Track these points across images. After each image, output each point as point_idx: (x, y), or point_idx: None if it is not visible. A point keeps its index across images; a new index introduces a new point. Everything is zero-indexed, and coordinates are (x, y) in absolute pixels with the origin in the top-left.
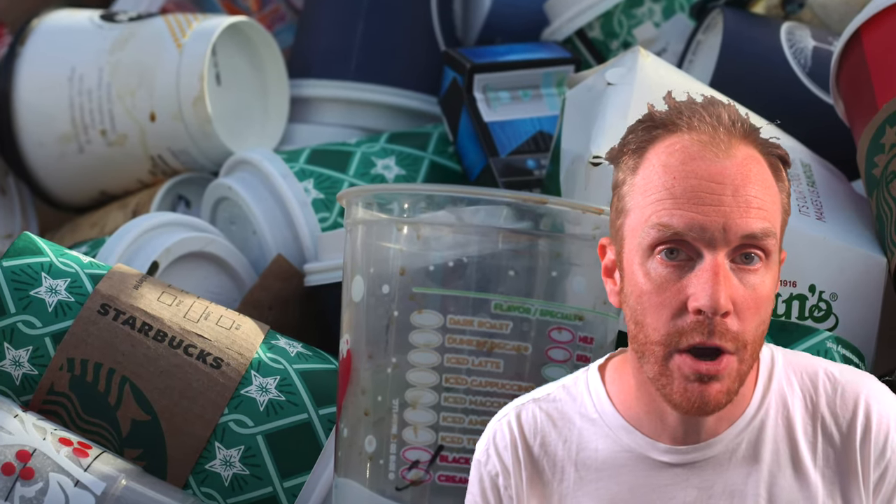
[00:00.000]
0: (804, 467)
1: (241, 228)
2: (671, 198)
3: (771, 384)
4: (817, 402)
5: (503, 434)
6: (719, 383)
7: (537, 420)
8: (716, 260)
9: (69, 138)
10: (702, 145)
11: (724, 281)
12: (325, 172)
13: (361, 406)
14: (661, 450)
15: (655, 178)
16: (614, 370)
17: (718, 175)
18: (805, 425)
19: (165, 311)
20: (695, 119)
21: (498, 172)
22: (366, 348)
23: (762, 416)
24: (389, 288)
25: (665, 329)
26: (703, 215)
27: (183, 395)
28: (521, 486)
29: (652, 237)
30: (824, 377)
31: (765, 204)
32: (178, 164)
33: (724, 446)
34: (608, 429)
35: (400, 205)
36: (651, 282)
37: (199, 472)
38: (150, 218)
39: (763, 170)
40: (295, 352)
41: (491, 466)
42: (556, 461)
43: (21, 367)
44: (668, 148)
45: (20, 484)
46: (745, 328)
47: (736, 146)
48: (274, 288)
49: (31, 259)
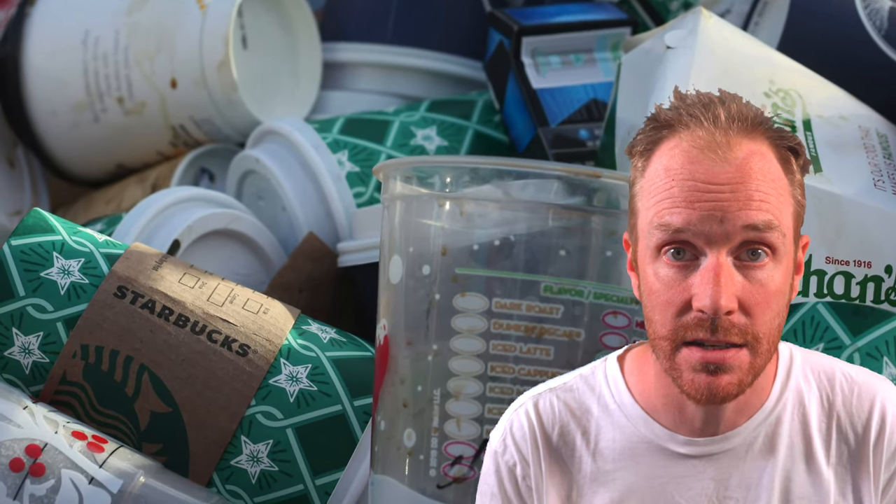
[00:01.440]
0: (818, 463)
1: (270, 204)
2: (670, 198)
3: (789, 381)
4: (833, 400)
5: (521, 423)
6: (729, 375)
7: (555, 409)
8: (717, 259)
9: (83, 106)
10: (699, 150)
11: (727, 280)
12: (361, 143)
13: (400, 397)
14: (680, 441)
15: (658, 180)
16: (633, 361)
17: (715, 177)
18: (820, 422)
19: (187, 293)
20: (692, 121)
21: (548, 143)
22: (404, 334)
23: (779, 410)
24: (430, 269)
25: (671, 325)
26: (701, 211)
27: (206, 384)
28: (539, 477)
29: (657, 238)
30: (841, 377)
31: (768, 198)
32: (201, 135)
33: (741, 439)
34: (626, 419)
35: (442, 178)
36: (659, 281)
37: (224, 468)
38: (171, 193)
39: (767, 164)
40: (328, 338)
41: (508, 457)
42: (575, 451)
43: (31, 355)
44: (670, 151)
45: (30, 481)
46: (756, 322)
47: (736, 145)
48: (305, 269)
49: (41, 237)
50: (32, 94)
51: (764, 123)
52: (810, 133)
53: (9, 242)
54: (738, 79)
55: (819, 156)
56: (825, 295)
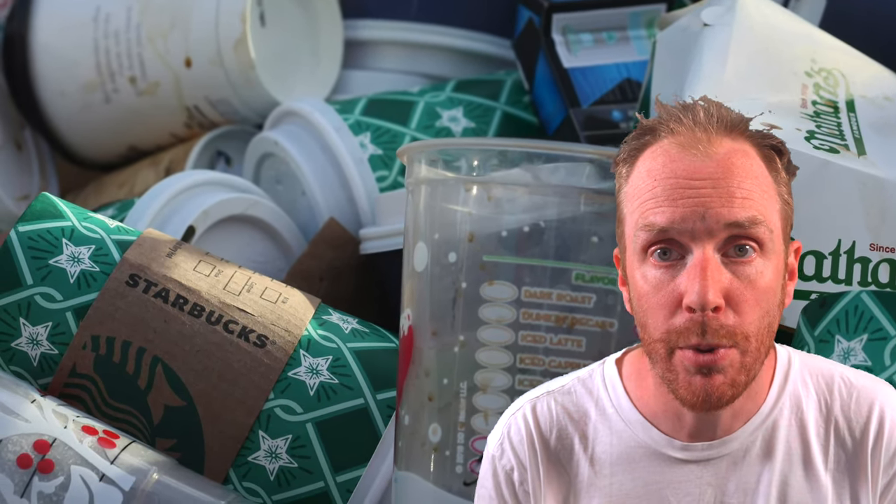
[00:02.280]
0: (815, 468)
1: (289, 188)
2: (653, 198)
3: (786, 385)
4: (832, 405)
5: (518, 427)
6: (722, 375)
7: (553, 413)
8: (703, 254)
9: (94, 86)
10: (680, 147)
11: (713, 275)
12: (384, 125)
13: (425, 390)
14: (677, 446)
15: (641, 183)
16: (631, 365)
17: (697, 172)
18: (818, 427)
19: (203, 282)
20: (672, 122)
21: (579, 125)
22: (430, 324)
23: (776, 415)
24: (456, 256)
25: (664, 327)
26: (683, 208)
27: (222, 377)
28: (537, 481)
29: (642, 239)
30: (840, 381)
31: (751, 194)
32: (217, 116)
33: (738, 444)
34: (624, 424)
35: (468, 162)
36: (648, 284)
37: (241, 464)
38: (186, 177)
39: (750, 162)
40: (349, 328)
41: (506, 461)
42: (573, 455)
43: (39, 346)
44: (652, 154)
45: (38, 478)
46: (744, 321)
47: (717, 142)
48: (326, 256)
49: (50, 223)
50: (41, 73)
51: (745, 124)
52: (854, 114)
53: (16, 228)
54: (778, 57)
55: (863, 138)
56: (869, 284)
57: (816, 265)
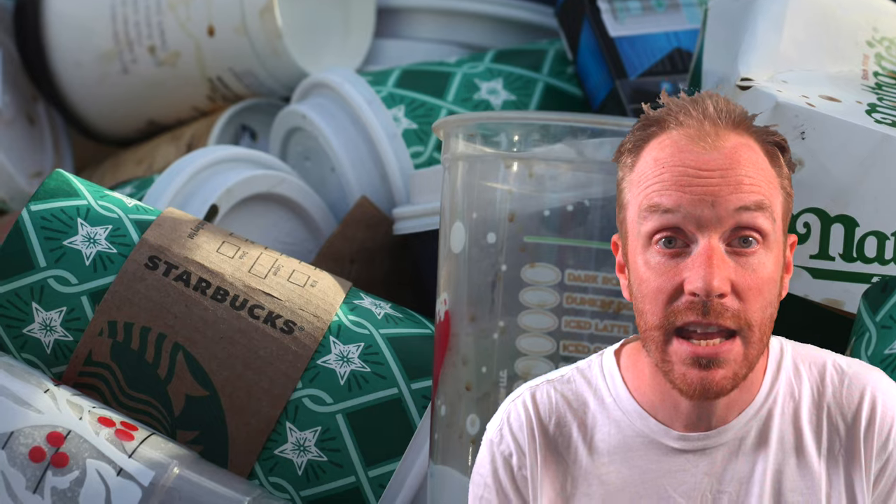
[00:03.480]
0: (809, 456)
1: (318, 165)
2: (660, 182)
3: (779, 374)
4: (824, 392)
5: (518, 414)
6: (723, 369)
7: (552, 400)
8: (709, 243)
9: (111, 56)
10: (689, 139)
11: (719, 263)
12: (419, 98)
13: (462, 379)
14: (674, 436)
15: (648, 170)
16: (629, 356)
17: (706, 164)
18: (811, 415)
19: (226, 264)
20: (681, 114)
21: (626, 98)
22: (467, 309)
23: (770, 405)
24: (496, 237)
25: (662, 312)
26: (691, 195)
27: (247, 365)
28: (535, 467)
29: (648, 224)
30: (832, 369)
31: (757, 182)
32: (242, 88)
33: (733, 434)
34: (622, 413)
35: (508, 136)
36: (650, 270)
37: (267, 458)
38: (208, 153)
39: (756, 155)
40: (382, 314)
41: (504, 446)
42: (571, 442)
43: (53, 333)
44: (660, 144)
45: (52, 472)
46: (748, 308)
47: (724, 136)
48: (357, 237)
49: (64, 202)
50: (55, 43)
51: (749, 120)
52: None
53: (28, 208)
54: (836, 26)
55: None
56: None
57: (878, 246)
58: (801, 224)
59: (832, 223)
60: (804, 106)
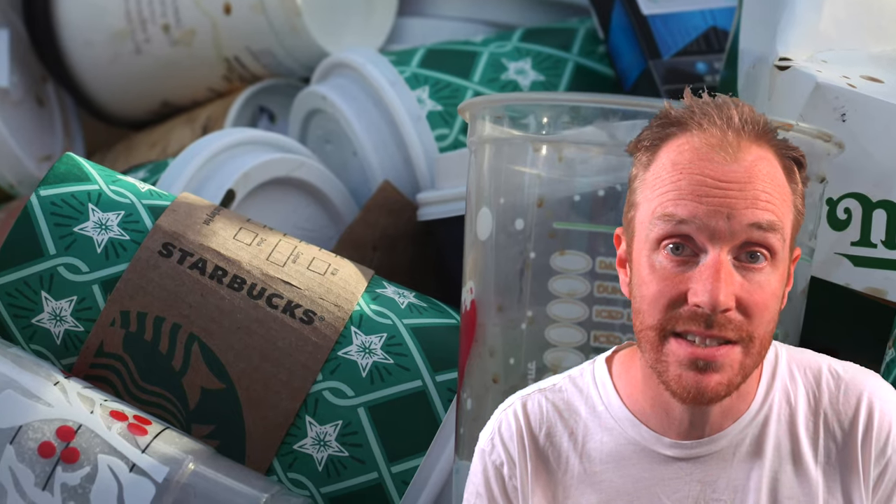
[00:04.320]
0: (805, 463)
1: (339, 148)
2: (676, 190)
3: (775, 381)
4: (820, 398)
5: (509, 424)
6: (718, 374)
7: (543, 410)
8: (719, 257)
9: (123, 36)
10: (710, 147)
11: (727, 278)
12: (444, 78)
13: (489, 371)
14: (666, 444)
15: (664, 174)
16: (621, 363)
17: (725, 176)
18: (807, 421)
19: (244, 251)
20: (705, 120)
21: (660, 78)
22: (495, 299)
23: (766, 412)
24: (524, 223)
25: (661, 315)
26: (707, 206)
27: (265, 357)
28: (525, 477)
29: (658, 229)
30: (828, 374)
31: (773, 199)
32: (259, 68)
33: (728, 441)
34: (614, 421)
35: (537, 119)
36: (654, 273)
37: (286, 453)
38: (225, 135)
39: (774, 170)
40: (406, 303)
41: (496, 456)
42: (562, 452)
43: (63, 323)
44: (679, 147)
45: (62, 468)
46: (753, 322)
47: (746, 148)
48: (380, 223)
49: (75, 187)
50: (65, 21)
51: (772, 132)
52: None
53: (37, 192)
54: (878, 4)
55: None
56: None
57: None
58: (841, 210)
59: (874, 209)
60: (845, 87)
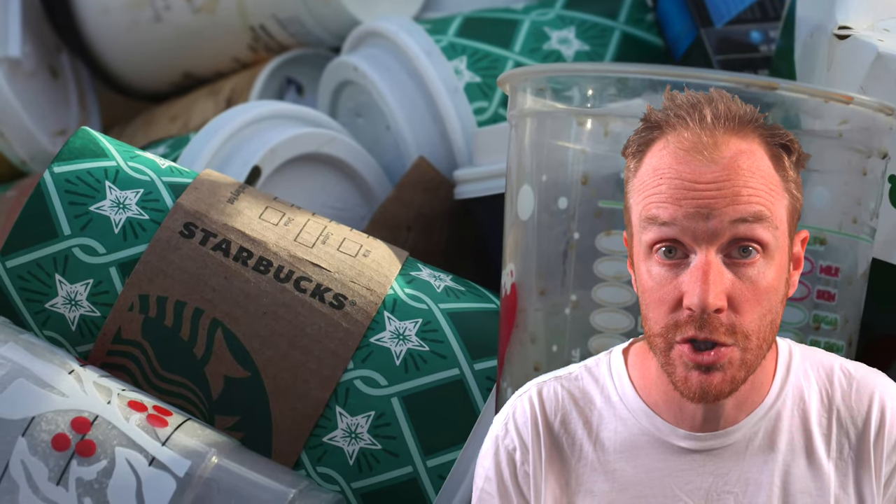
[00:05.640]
0: (818, 458)
1: (371, 122)
2: (657, 194)
3: (789, 377)
4: (832, 395)
5: (524, 409)
6: (721, 373)
7: (559, 397)
8: (706, 258)
9: (142, 2)
10: (685, 150)
11: (715, 279)
12: (483, 48)
13: (531, 358)
14: (681, 435)
15: (648, 178)
16: (636, 355)
17: (701, 177)
18: (820, 417)
19: (270, 232)
20: (679, 122)
21: (712, 48)
22: (536, 282)
23: (779, 406)
24: (568, 202)
25: (664, 322)
26: (687, 209)
27: (293, 343)
28: (538, 463)
29: (647, 233)
30: (839, 372)
31: (757, 191)
32: (287, 38)
33: (741, 434)
34: (628, 412)
35: (582, 91)
36: (651, 279)
37: (315, 446)
38: (250, 109)
39: (757, 162)
40: (442, 287)
41: (509, 441)
42: (576, 440)
43: (78, 307)
44: (660, 151)
45: (77, 462)
46: (744, 320)
47: (724, 144)
48: (414, 202)
49: (91, 163)
50: None
51: (754, 121)
52: None
53: (51, 169)
54: None
55: None
56: None
57: None
58: None
59: None
60: None
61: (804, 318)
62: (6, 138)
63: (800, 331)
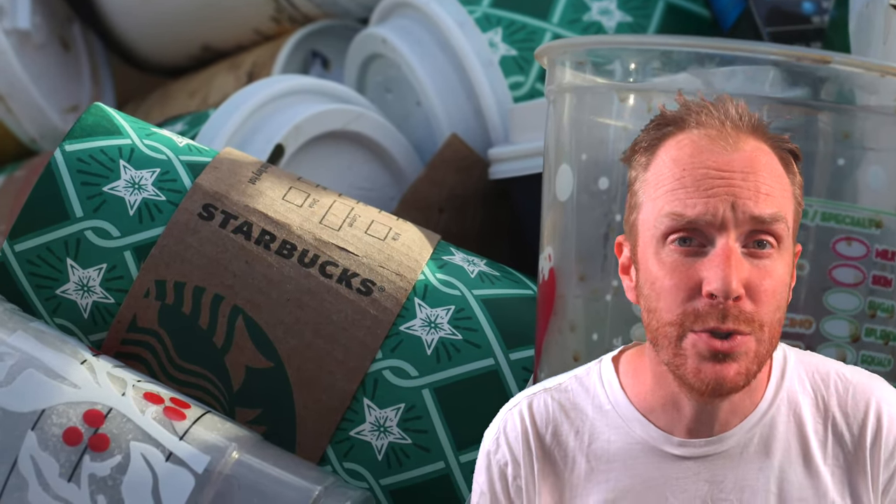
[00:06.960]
0: (814, 464)
1: (401, 98)
2: (682, 188)
3: (783, 381)
4: (828, 401)
5: (514, 424)
6: (736, 363)
7: (549, 409)
8: (727, 244)
9: None
10: (710, 139)
11: (737, 265)
12: (519, 19)
13: (570, 348)
14: (674, 443)
15: (666, 171)
16: (628, 362)
17: (727, 165)
18: (815, 423)
19: (294, 214)
20: (703, 115)
21: (762, 19)
22: (576, 267)
23: (773, 412)
24: (609, 182)
25: (679, 310)
26: (714, 198)
27: (318, 332)
28: (531, 477)
29: (665, 226)
30: (836, 378)
31: (774, 191)
32: (312, 8)
33: (736, 440)
34: (621, 420)
35: (624, 65)
36: (664, 267)
37: (342, 440)
38: (273, 83)
39: (773, 161)
40: (476, 272)
41: (500, 456)
42: (568, 452)
43: (91, 294)
44: (678, 143)
45: (90, 457)
46: (761, 310)
47: (744, 139)
48: (447, 182)
49: (104, 141)
50: None
51: (764, 127)
52: None
53: (62, 147)
54: None
55: None
56: None
57: None
58: None
59: None
60: None
61: (859, 304)
62: (14, 114)
63: (854, 318)
